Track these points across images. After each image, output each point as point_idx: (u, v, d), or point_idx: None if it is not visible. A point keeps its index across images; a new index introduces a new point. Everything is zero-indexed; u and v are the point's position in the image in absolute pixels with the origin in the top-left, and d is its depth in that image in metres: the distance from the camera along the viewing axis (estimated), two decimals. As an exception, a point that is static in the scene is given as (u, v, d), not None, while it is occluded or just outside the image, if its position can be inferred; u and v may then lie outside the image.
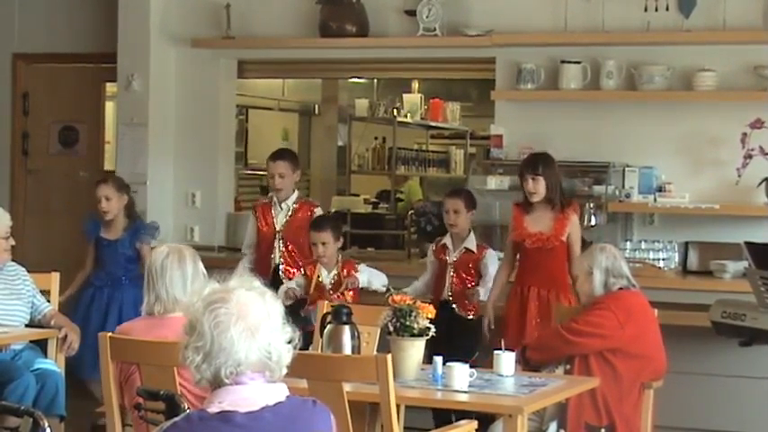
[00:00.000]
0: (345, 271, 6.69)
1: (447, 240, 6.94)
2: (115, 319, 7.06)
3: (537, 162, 6.57)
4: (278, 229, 7.10)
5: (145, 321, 4.80)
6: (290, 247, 7.08)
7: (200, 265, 4.85)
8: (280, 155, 7.27)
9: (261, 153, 12.56)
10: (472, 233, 6.93)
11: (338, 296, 6.56)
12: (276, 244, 7.09)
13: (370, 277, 6.72)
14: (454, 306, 6.78)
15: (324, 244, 6.65)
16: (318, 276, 6.68)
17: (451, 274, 6.85)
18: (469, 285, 6.81)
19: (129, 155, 8.59)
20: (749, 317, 6.06)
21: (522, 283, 6.59)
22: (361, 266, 6.78)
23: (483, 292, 6.73)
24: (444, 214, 6.96)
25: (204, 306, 2.86)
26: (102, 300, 7.28)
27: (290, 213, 7.12)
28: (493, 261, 6.85)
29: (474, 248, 6.86)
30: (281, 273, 6.99)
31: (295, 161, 7.27)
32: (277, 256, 7.08)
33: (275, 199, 7.17)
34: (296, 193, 7.20)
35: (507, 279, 6.73)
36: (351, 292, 6.64)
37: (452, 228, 6.89)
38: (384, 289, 6.69)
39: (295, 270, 6.95)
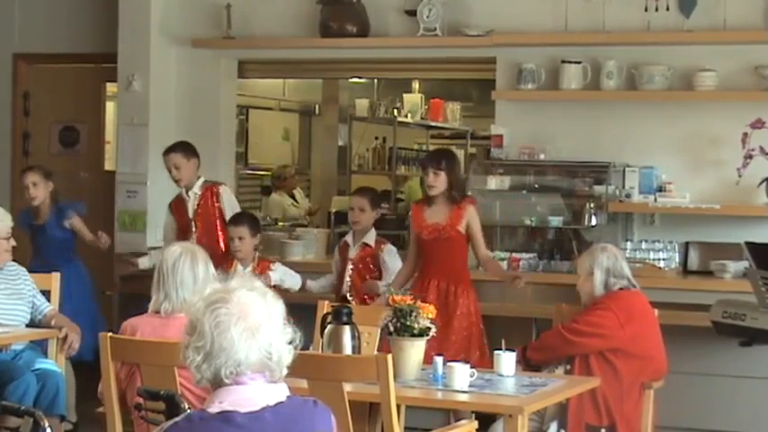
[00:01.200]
0: (260, 268, 6.87)
1: (348, 238, 7.16)
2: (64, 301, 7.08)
3: (440, 158, 6.71)
4: (191, 216, 7.38)
5: (151, 320, 4.80)
6: (204, 230, 7.32)
7: (211, 268, 4.87)
8: (172, 148, 7.52)
9: (261, 153, 12.59)
10: (373, 230, 7.14)
11: None
12: (192, 231, 7.34)
13: (283, 276, 6.95)
14: (353, 302, 6.87)
15: (240, 239, 6.87)
16: (234, 271, 6.77)
17: (350, 269, 7.04)
18: (372, 275, 6.99)
19: (130, 155, 8.60)
20: (749, 317, 6.06)
21: (423, 275, 6.70)
22: (277, 265, 7.02)
23: (381, 285, 6.88)
24: (349, 211, 7.19)
25: (205, 306, 2.86)
26: None
27: (197, 200, 7.39)
28: (390, 254, 7.04)
29: (372, 243, 7.06)
30: None
31: (188, 151, 7.48)
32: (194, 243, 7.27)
33: (183, 191, 7.46)
34: (200, 180, 7.47)
35: (410, 274, 6.83)
36: None
37: (355, 225, 7.12)
38: (297, 289, 6.94)
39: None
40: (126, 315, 5.01)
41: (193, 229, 7.36)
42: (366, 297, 6.96)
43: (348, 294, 6.98)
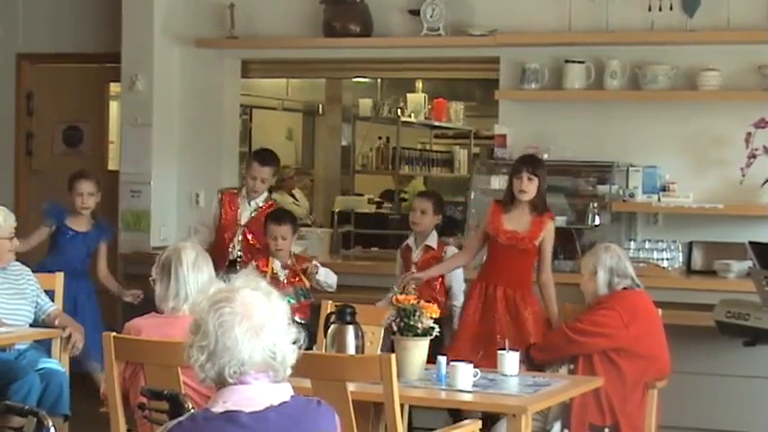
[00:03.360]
0: (299, 264, 6.81)
1: (410, 241, 7.05)
2: (71, 308, 7.06)
3: (537, 163, 6.56)
4: (241, 223, 7.17)
5: (154, 320, 4.77)
6: (250, 240, 7.13)
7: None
8: (269, 161, 7.26)
9: (265, 153, 12.58)
10: (434, 233, 7.01)
11: (297, 280, 6.69)
12: (237, 237, 7.15)
13: (326, 274, 6.83)
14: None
15: (283, 238, 6.76)
16: (273, 269, 6.73)
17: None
18: (434, 283, 6.84)
19: (133, 155, 8.59)
20: (753, 317, 6.07)
21: (486, 280, 6.55)
22: (317, 263, 6.88)
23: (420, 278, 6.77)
24: (411, 213, 7.08)
25: (209, 305, 2.87)
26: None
27: (255, 211, 7.19)
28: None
29: (434, 245, 6.96)
30: (238, 266, 7.04)
31: (278, 167, 7.40)
32: (236, 250, 7.14)
33: (244, 192, 7.24)
34: (265, 194, 7.30)
35: (462, 264, 6.78)
36: (307, 285, 6.72)
37: (415, 226, 7.00)
38: (332, 289, 6.78)
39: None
40: (131, 318, 4.99)
41: (239, 235, 7.13)
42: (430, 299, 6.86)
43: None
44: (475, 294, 6.55)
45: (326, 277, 6.81)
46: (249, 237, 7.12)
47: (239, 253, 7.12)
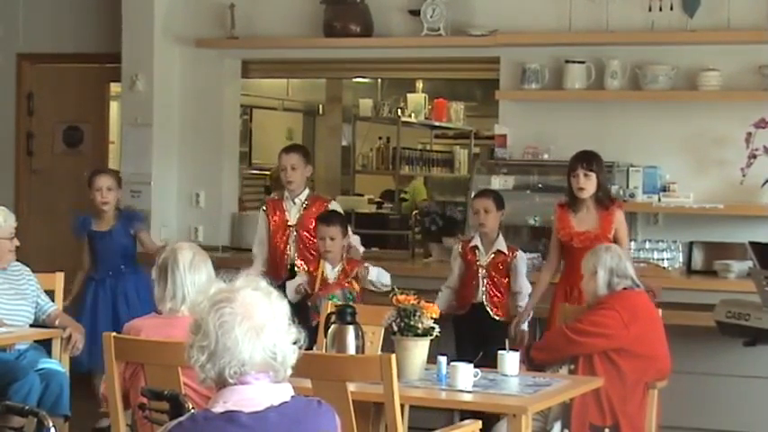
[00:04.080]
0: (350, 267, 6.71)
1: (477, 242, 6.84)
2: (125, 309, 7.10)
3: (591, 158, 6.52)
4: (291, 223, 7.06)
5: (154, 320, 4.77)
6: (305, 240, 6.99)
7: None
8: (293, 148, 7.36)
9: (265, 153, 12.59)
10: (501, 235, 6.85)
11: (347, 284, 6.60)
12: (290, 240, 7.04)
13: (378, 273, 6.71)
14: (489, 308, 6.72)
15: (332, 239, 6.67)
16: (323, 272, 6.68)
17: (484, 276, 6.77)
18: (504, 281, 6.73)
19: (134, 155, 8.59)
20: (753, 317, 6.06)
21: (570, 284, 6.47)
22: (368, 264, 6.78)
23: (525, 320, 6.66)
24: (473, 215, 6.92)
25: (210, 305, 2.87)
26: (107, 292, 7.31)
27: (303, 208, 7.08)
28: (522, 261, 6.80)
29: (506, 250, 6.79)
30: (297, 269, 6.93)
31: (307, 155, 7.29)
32: (292, 253, 7.04)
33: (286, 194, 7.15)
34: (307, 190, 7.19)
35: (551, 280, 6.68)
36: (357, 288, 6.64)
37: (482, 227, 6.81)
38: (387, 288, 6.60)
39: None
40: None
41: (291, 237, 7.02)
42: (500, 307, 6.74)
43: (484, 301, 6.72)
44: (559, 298, 6.49)
45: (379, 276, 6.68)
46: (304, 235, 6.99)
47: (295, 256, 6.99)
